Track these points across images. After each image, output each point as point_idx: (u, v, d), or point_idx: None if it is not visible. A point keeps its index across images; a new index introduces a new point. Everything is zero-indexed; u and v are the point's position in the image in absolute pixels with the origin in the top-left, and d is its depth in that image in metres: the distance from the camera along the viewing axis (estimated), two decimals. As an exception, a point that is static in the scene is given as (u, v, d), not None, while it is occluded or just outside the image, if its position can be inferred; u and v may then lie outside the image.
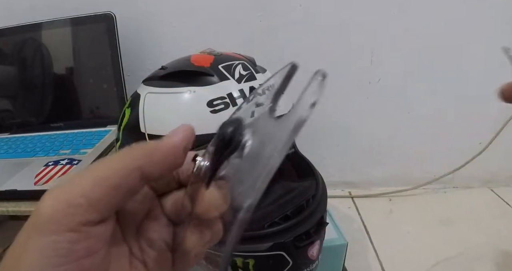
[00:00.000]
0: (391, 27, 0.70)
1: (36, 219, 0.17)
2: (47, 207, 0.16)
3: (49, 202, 0.17)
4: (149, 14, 0.74)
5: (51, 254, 0.16)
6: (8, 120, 0.75)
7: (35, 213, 0.17)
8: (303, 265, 0.45)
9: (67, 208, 0.16)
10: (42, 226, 0.16)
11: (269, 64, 0.52)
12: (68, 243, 0.16)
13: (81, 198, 0.16)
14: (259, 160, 0.17)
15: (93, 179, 0.17)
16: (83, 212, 0.16)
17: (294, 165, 0.56)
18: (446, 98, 0.75)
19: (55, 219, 0.16)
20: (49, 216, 0.16)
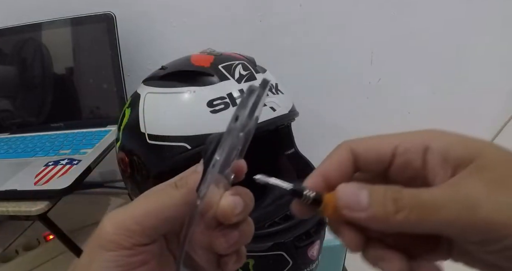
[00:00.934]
0: (391, 27, 0.70)
1: (99, 239, 0.21)
2: (108, 230, 0.21)
3: (109, 225, 0.21)
4: (149, 14, 0.74)
5: (112, 264, 0.21)
6: (8, 120, 0.75)
7: (98, 233, 0.21)
8: (303, 265, 0.45)
9: (125, 232, 0.21)
10: (105, 244, 0.21)
11: (269, 64, 0.52)
12: (125, 257, 0.21)
13: (136, 226, 0.21)
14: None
15: (147, 211, 0.21)
16: (137, 236, 0.21)
17: (294, 165, 0.56)
18: (446, 98, 0.75)
19: (115, 241, 0.21)
20: (110, 238, 0.21)
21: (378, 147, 0.21)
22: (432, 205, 0.17)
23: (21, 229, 0.72)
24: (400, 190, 0.18)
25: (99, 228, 0.21)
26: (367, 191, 0.19)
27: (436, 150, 0.19)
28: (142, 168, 0.45)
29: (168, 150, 0.42)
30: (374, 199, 0.18)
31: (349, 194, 0.19)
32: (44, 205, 0.48)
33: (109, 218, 0.22)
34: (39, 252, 0.65)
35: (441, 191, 0.18)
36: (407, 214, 0.18)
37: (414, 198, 0.18)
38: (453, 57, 0.71)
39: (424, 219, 0.18)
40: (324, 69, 0.74)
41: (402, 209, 0.18)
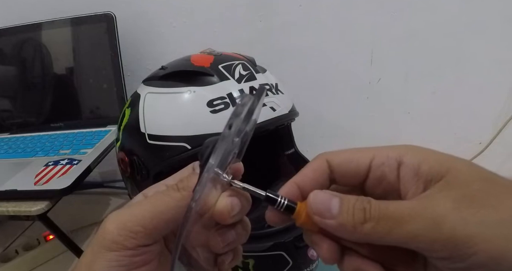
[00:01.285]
0: (391, 27, 0.70)
1: (102, 239, 0.21)
2: (112, 231, 0.21)
3: (113, 226, 0.21)
4: (149, 14, 0.74)
5: (115, 264, 0.21)
6: (8, 120, 0.75)
7: (101, 234, 0.22)
8: (303, 265, 0.45)
9: (129, 233, 0.21)
10: (109, 244, 0.21)
11: (269, 64, 0.52)
12: (128, 257, 0.21)
13: (140, 227, 0.21)
14: None
15: (151, 213, 0.22)
16: (140, 238, 0.21)
17: (294, 165, 0.56)
18: (446, 98, 0.75)
19: (118, 241, 0.21)
20: (113, 238, 0.21)
21: (353, 160, 0.22)
22: (398, 218, 0.18)
23: (21, 229, 0.72)
24: (370, 201, 0.19)
25: (102, 228, 0.22)
26: (338, 199, 0.19)
27: (409, 165, 0.20)
28: (142, 168, 0.45)
29: (168, 150, 0.42)
30: (344, 207, 0.19)
31: (320, 201, 0.20)
32: (44, 205, 0.48)
33: (112, 219, 0.22)
34: (39, 252, 0.65)
35: (409, 205, 0.18)
36: (374, 225, 0.18)
37: (382, 209, 0.18)
38: (453, 57, 0.71)
39: (390, 232, 0.18)
40: (324, 69, 0.74)
41: (370, 220, 0.18)
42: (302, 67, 0.74)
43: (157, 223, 0.21)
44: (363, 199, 0.19)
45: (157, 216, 0.22)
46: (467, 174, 0.19)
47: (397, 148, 0.21)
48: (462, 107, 0.75)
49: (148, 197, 0.24)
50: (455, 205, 0.17)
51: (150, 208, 0.22)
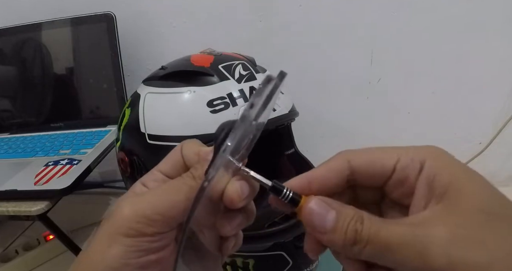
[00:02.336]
0: (391, 27, 0.70)
1: (117, 225, 0.21)
2: (130, 217, 0.21)
3: (131, 213, 0.21)
4: (149, 14, 0.74)
5: (133, 249, 0.21)
6: (8, 120, 0.75)
7: (116, 219, 0.22)
8: (303, 265, 0.45)
9: (147, 221, 0.21)
10: (125, 231, 0.21)
11: (269, 64, 0.52)
12: (146, 242, 0.21)
13: (158, 216, 0.21)
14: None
15: (170, 202, 0.22)
16: (159, 226, 0.22)
17: (294, 165, 0.56)
18: (446, 98, 0.75)
19: (136, 228, 0.21)
20: (130, 225, 0.21)
21: (378, 162, 0.21)
22: (387, 244, 0.18)
23: (21, 229, 0.72)
24: (362, 221, 0.19)
25: (117, 213, 0.22)
26: (334, 214, 0.19)
27: (425, 174, 0.20)
28: (142, 168, 0.45)
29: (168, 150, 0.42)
30: (338, 225, 0.19)
31: (316, 214, 0.20)
32: (44, 205, 0.48)
33: (129, 206, 0.22)
34: (39, 252, 0.65)
35: (401, 231, 0.18)
36: (362, 248, 0.18)
37: (372, 233, 0.18)
38: (453, 57, 0.71)
39: (377, 256, 0.18)
40: (324, 69, 0.74)
41: (359, 242, 0.18)
42: (302, 67, 0.74)
43: (176, 211, 0.22)
44: (358, 217, 0.19)
45: (175, 205, 0.22)
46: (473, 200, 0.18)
47: (422, 150, 0.21)
48: (462, 107, 0.75)
49: (164, 185, 0.24)
50: (446, 237, 0.17)
51: (168, 197, 0.22)
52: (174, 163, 0.26)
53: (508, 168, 0.79)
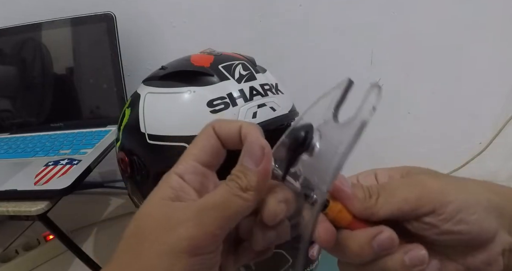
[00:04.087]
0: (391, 27, 0.70)
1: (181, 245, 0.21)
2: (195, 237, 0.21)
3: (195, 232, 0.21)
4: (149, 14, 0.74)
5: (198, 267, 0.21)
6: (8, 120, 0.75)
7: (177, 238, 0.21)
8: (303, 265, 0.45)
9: (212, 237, 0.21)
10: (191, 251, 0.21)
11: (269, 64, 0.52)
12: (208, 260, 0.21)
13: (220, 230, 0.21)
14: (327, 158, 0.22)
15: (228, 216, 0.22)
16: (219, 240, 0.22)
17: (294, 165, 0.55)
18: (446, 98, 0.75)
19: (203, 246, 0.21)
20: (197, 245, 0.21)
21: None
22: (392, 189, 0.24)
23: (21, 229, 0.72)
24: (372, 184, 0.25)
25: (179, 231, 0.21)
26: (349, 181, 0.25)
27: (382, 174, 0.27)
28: (142, 168, 0.45)
29: (168, 150, 0.42)
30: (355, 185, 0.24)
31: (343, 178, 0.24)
32: (44, 205, 0.48)
33: (192, 222, 0.21)
34: (39, 252, 0.65)
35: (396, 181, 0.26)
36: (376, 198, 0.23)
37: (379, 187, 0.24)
38: (453, 57, 0.71)
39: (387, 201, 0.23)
40: (324, 69, 0.74)
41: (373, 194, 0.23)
42: (302, 67, 0.74)
43: (231, 224, 0.22)
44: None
45: (231, 218, 0.22)
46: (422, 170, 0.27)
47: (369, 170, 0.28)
48: (462, 107, 0.75)
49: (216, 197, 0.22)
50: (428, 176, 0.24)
51: (225, 212, 0.21)
52: (212, 150, 0.24)
53: (508, 168, 0.79)
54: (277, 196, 0.22)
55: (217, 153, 0.24)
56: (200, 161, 0.24)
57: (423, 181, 0.24)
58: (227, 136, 0.24)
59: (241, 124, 0.24)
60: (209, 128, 0.24)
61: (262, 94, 0.45)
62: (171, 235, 0.21)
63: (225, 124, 0.24)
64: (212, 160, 0.24)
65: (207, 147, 0.24)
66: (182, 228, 0.21)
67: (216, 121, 0.25)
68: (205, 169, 0.24)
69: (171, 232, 0.21)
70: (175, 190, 0.23)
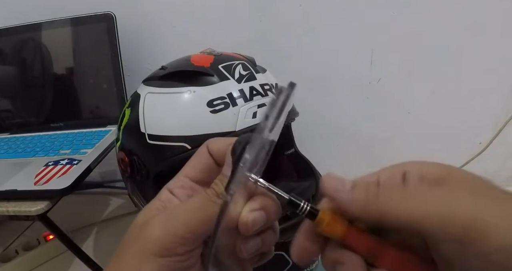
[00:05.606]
0: (391, 27, 0.70)
1: (148, 244, 0.22)
2: (162, 237, 0.22)
3: (163, 233, 0.22)
4: (149, 14, 0.74)
5: (166, 269, 0.21)
6: (8, 120, 0.75)
7: (147, 238, 0.22)
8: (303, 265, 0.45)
9: (179, 240, 0.21)
10: (158, 250, 0.21)
11: (269, 64, 0.52)
12: (178, 262, 0.22)
13: (190, 234, 0.22)
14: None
15: (199, 220, 0.22)
16: (190, 243, 0.22)
17: (294, 165, 0.56)
18: (446, 98, 0.75)
19: (169, 248, 0.21)
20: (164, 245, 0.21)
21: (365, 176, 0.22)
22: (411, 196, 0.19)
23: (21, 229, 0.72)
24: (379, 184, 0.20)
25: (148, 232, 0.22)
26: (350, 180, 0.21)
27: (413, 173, 0.20)
28: (142, 168, 0.45)
29: (168, 150, 0.42)
30: (357, 183, 0.21)
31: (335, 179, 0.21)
32: (44, 205, 0.48)
33: (160, 225, 0.22)
34: (39, 252, 0.65)
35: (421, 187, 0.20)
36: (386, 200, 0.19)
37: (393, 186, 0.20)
38: (453, 57, 0.71)
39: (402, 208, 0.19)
40: (324, 69, 0.74)
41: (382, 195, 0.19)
42: (302, 67, 0.74)
43: (205, 229, 0.22)
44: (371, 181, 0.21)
45: (204, 223, 0.22)
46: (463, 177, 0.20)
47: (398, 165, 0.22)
48: (462, 107, 0.75)
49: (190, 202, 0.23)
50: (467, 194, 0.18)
51: (197, 215, 0.22)
52: (202, 166, 0.26)
53: (508, 168, 0.79)
54: (251, 205, 0.22)
55: (209, 170, 0.25)
56: (190, 176, 0.26)
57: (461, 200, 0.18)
58: (219, 153, 0.25)
59: (232, 141, 0.24)
60: (203, 147, 0.26)
61: (262, 94, 0.45)
62: (142, 236, 0.22)
63: (218, 142, 0.26)
64: (203, 176, 0.26)
65: (198, 164, 0.26)
66: (151, 230, 0.22)
67: (211, 140, 0.26)
68: (195, 184, 0.26)
69: (142, 235, 0.22)
70: (163, 202, 0.25)
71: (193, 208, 0.23)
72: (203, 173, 0.26)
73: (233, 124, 0.42)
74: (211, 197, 0.23)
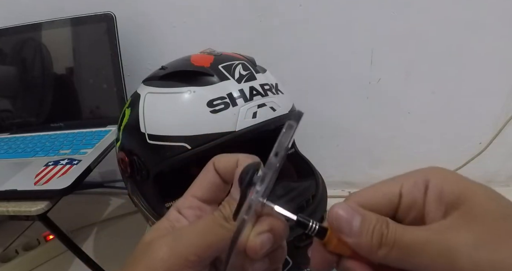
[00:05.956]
0: (391, 27, 0.70)
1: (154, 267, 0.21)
2: (166, 259, 0.21)
3: (167, 255, 0.21)
4: (149, 14, 0.74)
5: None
6: (8, 120, 0.75)
7: (152, 260, 0.22)
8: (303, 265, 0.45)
9: (184, 262, 0.21)
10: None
11: (269, 64, 0.52)
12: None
13: (196, 257, 0.21)
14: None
15: (206, 243, 0.22)
16: (195, 266, 0.21)
17: (294, 165, 0.56)
18: (446, 98, 0.75)
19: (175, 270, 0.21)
20: (169, 267, 0.21)
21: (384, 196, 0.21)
22: (413, 248, 0.18)
23: (21, 229, 0.72)
24: (388, 225, 0.20)
25: (153, 252, 0.22)
26: (360, 218, 0.20)
27: (433, 188, 0.20)
28: (142, 168, 0.45)
29: (168, 150, 0.42)
30: (364, 228, 0.20)
31: (342, 219, 0.20)
32: (44, 205, 0.48)
33: (164, 246, 0.22)
34: (39, 252, 0.65)
35: (426, 235, 0.19)
36: (388, 251, 0.19)
37: (397, 237, 0.19)
38: (453, 57, 0.71)
39: (403, 259, 0.19)
40: (324, 69, 0.74)
41: (385, 245, 0.19)
42: (302, 67, 0.74)
43: (211, 251, 0.22)
44: (382, 221, 0.20)
45: (210, 246, 0.22)
46: (487, 206, 0.19)
47: (423, 172, 0.21)
48: (462, 107, 0.75)
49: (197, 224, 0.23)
50: (471, 242, 0.17)
51: (203, 238, 0.22)
52: (209, 185, 0.25)
53: (508, 168, 0.79)
54: (258, 228, 0.22)
55: (217, 188, 0.25)
56: (197, 196, 0.25)
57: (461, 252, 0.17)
58: (226, 170, 0.25)
59: (238, 157, 0.24)
60: (209, 164, 0.25)
61: (262, 94, 0.45)
62: (148, 258, 0.22)
63: (224, 159, 0.25)
64: (210, 195, 0.25)
65: (205, 183, 0.25)
66: (157, 251, 0.22)
67: (216, 157, 0.26)
68: (202, 204, 0.25)
69: (147, 255, 0.22)
70: (171, 221, 0.25)
71: (200, 231, 0.22)
72: (210, 192, 0.25)
73: (233, 124, 0.42)
74: (218, 220, 0.22)
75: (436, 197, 0.20)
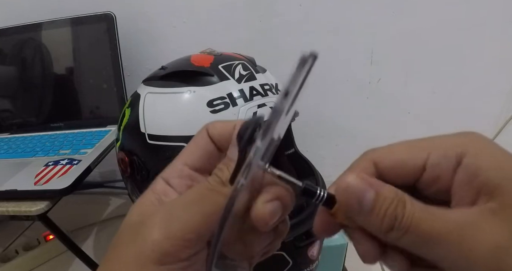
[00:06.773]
0: (390, 27, 0.70)
1: (147, 251, 0.18)
2: (161, 241, 0.18)
3: (161, 236, 0.18)
4: (149, 14, 0.74)
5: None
6: (8, 120, 0.75)
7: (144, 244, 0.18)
8: (303, 265, 0.45)
9: (181, 242, 0.18)
10: (159, 257, 0.18)
11: (269, 64, 0.52)
12: (181, 268, 0.18)
13: (192, 234, 0.18)
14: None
15: (202, 216, 0.18)
16: (194, 245, 0.18)
17: (294, 165, 0.56)
18: (446, 97, 0.75)
19: (171, 253, 0.18)
20: (164, 250, 0.18)
21: (407, 163, 0.19)
22: (428, 238, 0.16)
23: (21, 229, 0.72)
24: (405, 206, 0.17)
25: (143, 236, 0.19)
26: (373, 196, 0.17)
27: (466, 169, 0.17)
28: (142, 168, 0.45)
29: (168, 150, 0.42)
30: (376, 207, 0.17)
31: (353, 192, 0.17)
32: (44, 205, 0.48)
33: (157, 226, 0.19)
34: (39, 252, 0.65)
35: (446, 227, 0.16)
36: (399, 235, 0.17)
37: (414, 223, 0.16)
38: (453, 57, 0.71)
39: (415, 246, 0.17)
40: (324, 69, 0.74)
41: (398, 230, 0.17)
42: (302, 67, 0.74)
43: (209, 225, 0.18)
44: (399, 200, 0.17)
45: (209, 219, 0.18)
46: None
47: (459, 141, 0.18)
48: (462, 107, 0.75)
49: (190, 194, 0.20)
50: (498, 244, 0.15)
51: (199, 210, 0.19)
52: (202, 152, 0.22)
53: (508, 168, 0.79)
54: (265, 196, 0.19)
55: (210, 156, 0.22)
56: (189, 164, 0.22)
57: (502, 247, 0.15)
58: (221, 137, 0.22)
59: (236, 123, 0.21)
60: (202, 130, 0.22)
61: (262, 94, 0.45)
62: (137, 242, 0.19)
63: (219, 125, 0.22)
64: (203, 163, 0.22)
65: (197, 150, 0.22)
66: (148, 233, 0.19)
67: (211, 123, 0.22)
68: (194, 173, 0.22)
69: (137, 238, 0.19)
70: (157, 194, 0.21)
71: (194, 201, 0.19)
72: (203, 160, 0.22)
73: (233, 124, 0.42)
74: (214, 186, 0.19)
75: (468, 179, 0.17)
